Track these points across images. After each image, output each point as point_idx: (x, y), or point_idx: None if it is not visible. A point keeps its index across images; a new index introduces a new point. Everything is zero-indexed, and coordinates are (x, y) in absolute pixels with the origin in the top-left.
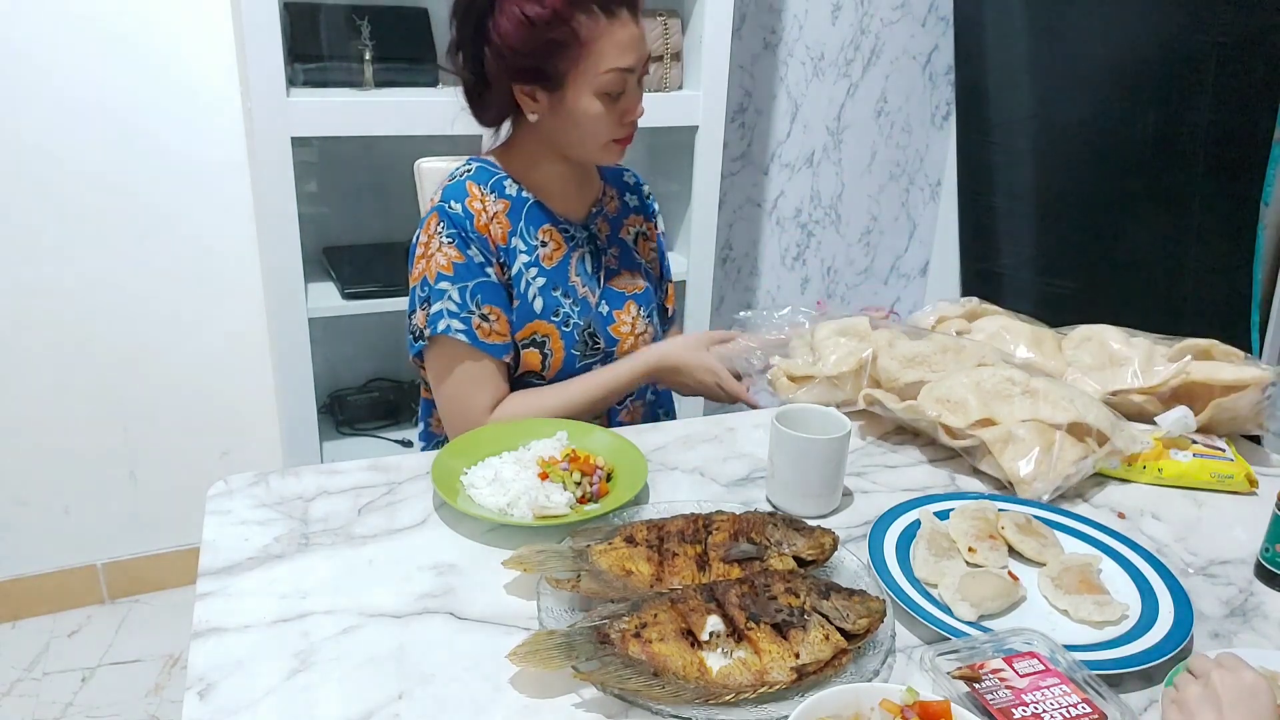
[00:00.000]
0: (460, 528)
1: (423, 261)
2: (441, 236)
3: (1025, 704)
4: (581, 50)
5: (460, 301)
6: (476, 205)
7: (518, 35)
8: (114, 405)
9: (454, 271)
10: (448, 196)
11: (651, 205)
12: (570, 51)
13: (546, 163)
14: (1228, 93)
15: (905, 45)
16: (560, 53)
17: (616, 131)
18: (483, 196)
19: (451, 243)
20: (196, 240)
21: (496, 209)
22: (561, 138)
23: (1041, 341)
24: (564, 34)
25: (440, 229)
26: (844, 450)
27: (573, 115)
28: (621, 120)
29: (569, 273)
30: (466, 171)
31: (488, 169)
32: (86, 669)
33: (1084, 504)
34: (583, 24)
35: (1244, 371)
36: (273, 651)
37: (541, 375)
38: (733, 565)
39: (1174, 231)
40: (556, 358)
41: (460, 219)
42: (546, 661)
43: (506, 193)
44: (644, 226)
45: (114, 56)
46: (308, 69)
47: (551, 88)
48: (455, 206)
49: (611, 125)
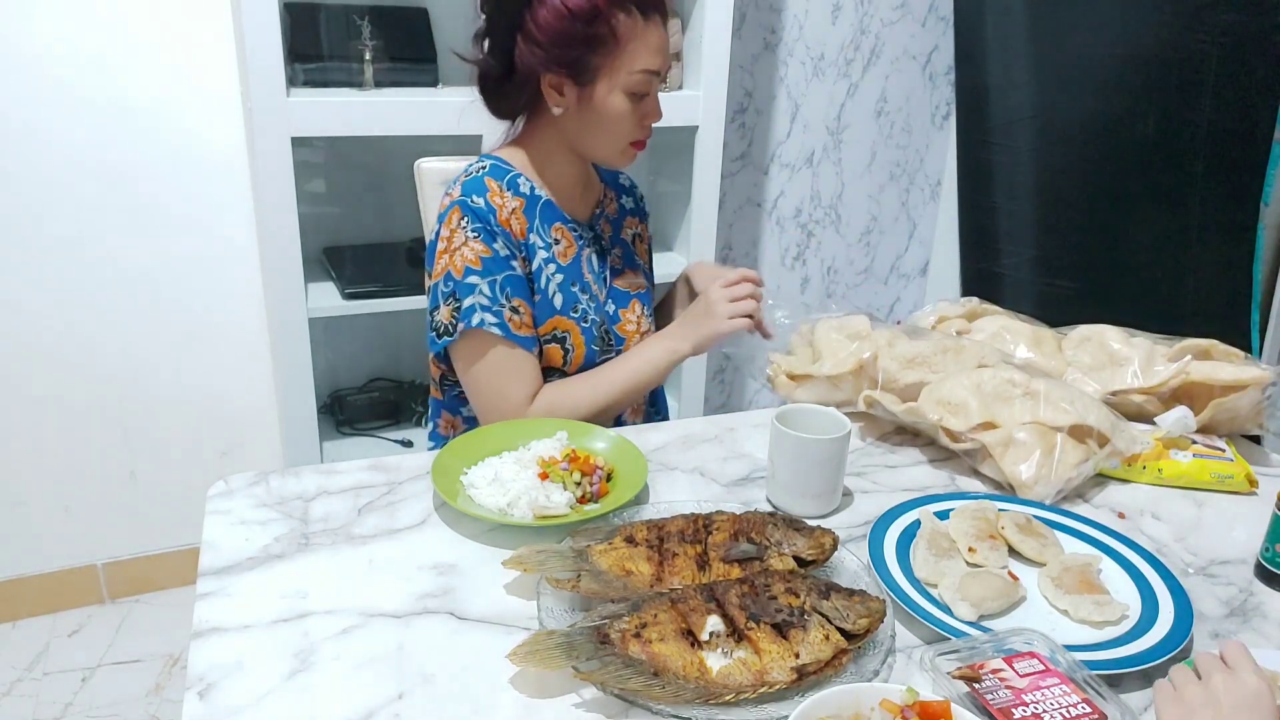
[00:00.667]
0: (460, 528)
1: (445, 256)
2: (467, 231)
3: (1025, 704)
4: (616, 47)
5: (491, 295)
6: (497, 200)
7: (557, 25)
8: (114, 405)
9: (482, 265)
10: (469, 191)
11: (644, 208)
12: (606, 47)
13: (559, 161)
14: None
15: (905, 45)
16: (596, 47)
17: (636, 134)
18: (501, 192)
19: (477, 236)
20: (197, 240)
21: (514, 205)
22: (583, 134)
23: (1041, 341)
24: (602, 29)
25: (465, 223)
26: (844, 450)
27: (598, 112)
28: (642, 123)
29: (582, 270)
30: (482, 168)
31: (501, 166)
32: (86, 669)
33: (1084, 504)
34: (621, 22)
35: (1244, 371)
36: (273, 651)
37: (563, 371)
38: (733, 565)
39: (1174, 231)
40: (578, 353)
41: (484, 213)
42: (546, 661)
43: (521, 190)
44: (639, 228)
45: (114, 57)
46: (308, 69)
47: (582, 81)
48: (478, 201)
49: (633, 126)
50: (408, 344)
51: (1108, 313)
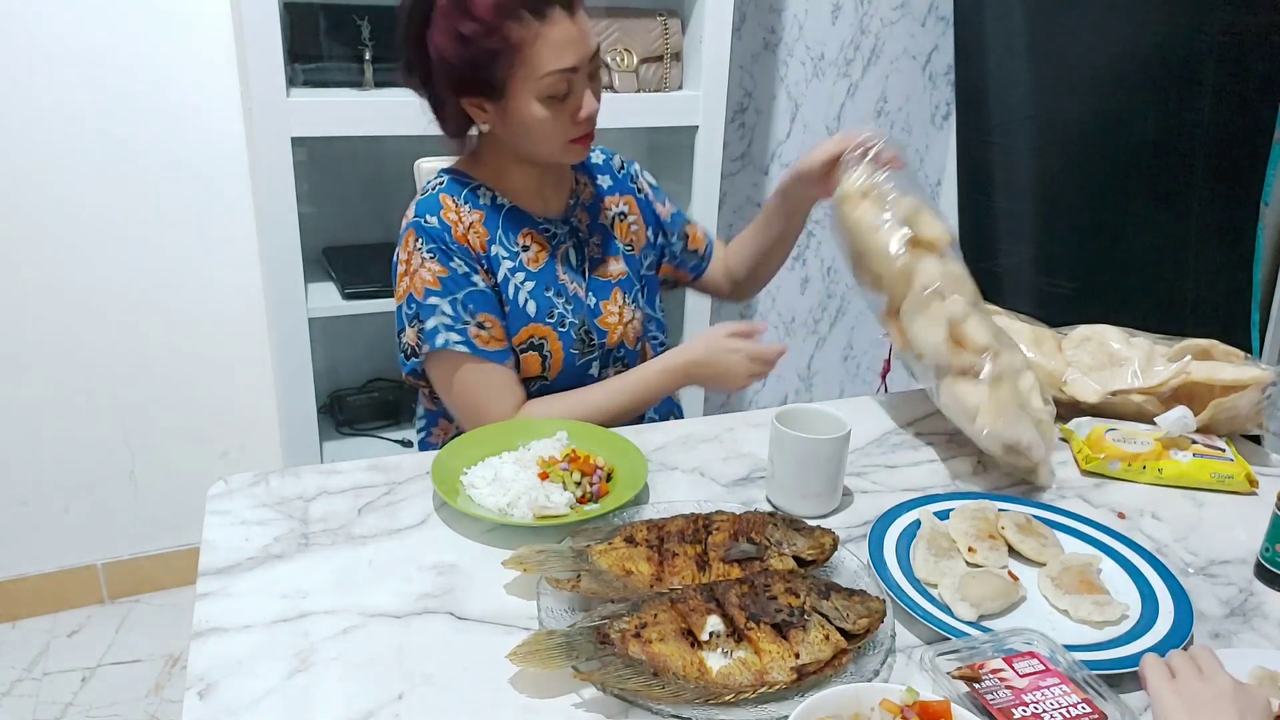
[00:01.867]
0: (460, 528)
1: (405, 279)
2: (422, 252)
3: (1025, 704)
4: (517, 57)
5: (454, 314)
6: (452, 216)
7: (453, 50)
8: (114, 405)
9: (441, 285)
10: (421, 211)
11: (628, 174)
12: (505, 59)
13: (514, 167)
14: (1228, 93)
15: (905, 45)
16: (496, 62)
17: (571, 131)
18: (457, 208)
19: (433, 257)
20: (196, 240)
21: (472, 219)
22: (519, 144)
23: (1041, 341)
24: (496, 42)
25: (419, 244)
26: (844, 450)
27: (521, 122)
28: (574, 120)
29: (557, 272)
30: (439, 184)
31: (459, 180)
32: (86, 669)
33: (1084, 504)
34: (513, 30)
35: (1244, 371)
36: (273, 651)
37: (544, 378)
38: (733, 565)
39: (1174, 231)
40: (556, 359)
41: (437, 232)
42: (546, 661)
43: (480, 203)
44: (622, 203)
45: (114, 57)
46: (308, 69)
47: (495, 97)
48: (431, 220)
49: (563, 127)
50: None
51: (1108, 313)
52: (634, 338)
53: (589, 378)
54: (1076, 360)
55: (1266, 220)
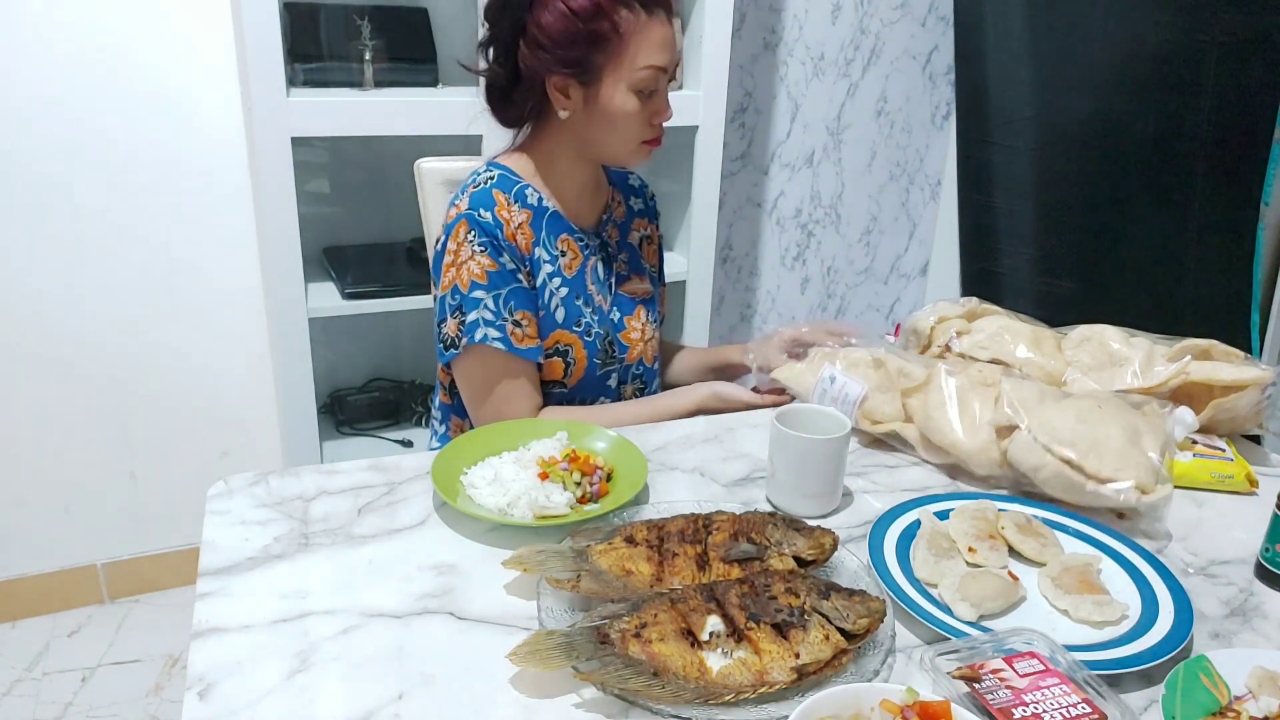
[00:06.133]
0: (460, 528)
1: (452, 270)
2: (474, 244)
3: (1025, 704)
4: (620, 45)
5: (495, 310)
6: (504, 214)
7: (559, 27)
8: (114, 405)
9: (488, 280)
10: (476, 204)
11: (654, 206)
12: (609, 45)
13: (566, 166)
14: (1228, 93)
15: (905, 45)
16: (599, 46)
17: (646, 132)
18: (508, 205)
19: (484, 250)
20: (197, 240)
21: (520, 219)
22: (592, 136)
23: (1041, 341)
24: (604, 27)
25: (471, 237)
26: (844, 450)
27: (606, 111)
28: (652, 120)
29: (586, 281)
30: (490, 179)
31: (508, 177)
32: (86, 669)
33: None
34: (623, 18)
35: (1244, 371)
36: (273, 651)
37: (564, 384)
38: (733, 565)
39: (1174, 231)
40: (579, 367)
41: (491, 227)
42: (546, 661)
43: (528, 202)
44: (648, 230)
45: (114, 57)
46: (308, 69)
47: (587, 81)
48: (485, 215)
49: (642, 125)
50: (408, 344)
51: (1108, 313)
52: (652, 356)
53: (607, 389)
54: (1076, 360)
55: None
